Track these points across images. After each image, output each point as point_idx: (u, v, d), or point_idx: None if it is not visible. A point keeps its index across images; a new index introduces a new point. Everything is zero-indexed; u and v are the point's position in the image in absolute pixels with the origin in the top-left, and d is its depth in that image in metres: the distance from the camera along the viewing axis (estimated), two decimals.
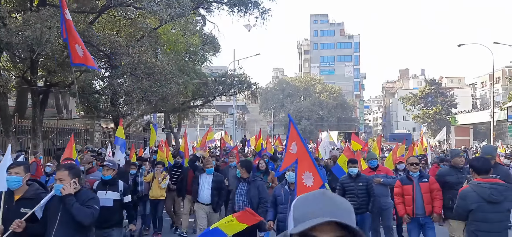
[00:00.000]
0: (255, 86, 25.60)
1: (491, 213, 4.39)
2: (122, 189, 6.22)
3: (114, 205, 6.04)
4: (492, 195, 4.39)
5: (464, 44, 35.66)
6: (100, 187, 6.29)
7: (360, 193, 7.11)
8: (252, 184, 6.59)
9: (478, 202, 4.44)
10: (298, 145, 5.13)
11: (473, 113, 55.09)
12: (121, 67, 13.26)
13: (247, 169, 6.77)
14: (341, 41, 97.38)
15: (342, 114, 75.22)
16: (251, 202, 6.39)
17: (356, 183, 7.18)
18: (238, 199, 6.61)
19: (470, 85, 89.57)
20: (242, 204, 6.42)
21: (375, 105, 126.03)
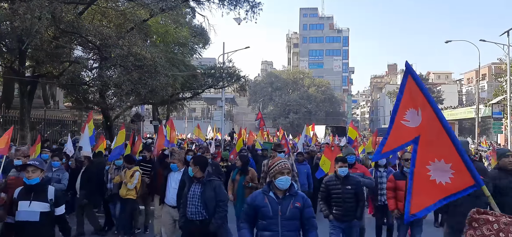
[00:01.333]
0: (244, 79, 25.64)
1: (472, 207, 4.54)
2: (53, 198, 4.72)
3: (41, 219, 4.59)
4: None
5: (451, 40, 35.98)
6: (23, 195, 4.70)
7: (348, 197, 6.32)
8: (208, 185, 5.54)
9: None
10: (425, 113, 3.15)
11: (458, 109, 55.89)
12: (111, 59, 13.21)
13: (201, 167, 5.67)
14: (330, 35, 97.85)
15: (330, 108, 75.75)
16: (206, 205, 5.44)
17: (344, 186, 6.35)
18: (191, 203, 5.52)
19: (457, 81, 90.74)
20: (195, 209, 5.48)
21: (363, 100, 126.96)
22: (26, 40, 11.07)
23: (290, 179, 4.21)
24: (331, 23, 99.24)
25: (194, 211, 5.47)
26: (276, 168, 4.22)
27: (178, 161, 6.92)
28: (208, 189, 5.50)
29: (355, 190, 6.37)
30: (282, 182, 4.18)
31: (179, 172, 6.82)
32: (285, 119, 68.42)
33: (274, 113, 74.12)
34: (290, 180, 4.24)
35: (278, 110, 73.00)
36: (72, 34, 13.85)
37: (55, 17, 12.00)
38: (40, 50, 13.15)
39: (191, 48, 26.98)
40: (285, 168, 4.19)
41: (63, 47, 14.44)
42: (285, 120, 68.14)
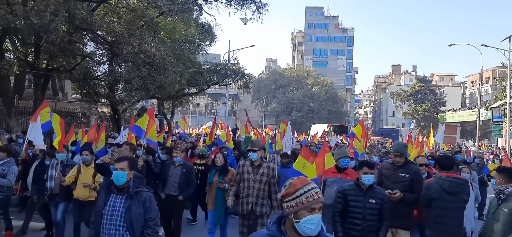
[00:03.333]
0: (248, 77, 26.13)
1: (450, 202, 5.18)
2: None
3: None
4: (451, 187, 5.18)
5: (454, 44, 36.58)
6: None
7: (370, 214, 4.91)
8: (135, 198, 4.09)
9: (439, 192, 5.21)
10: None
11: (461, 112, 56.22)
12: (122, 56, 13.80)
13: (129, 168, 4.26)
14: (335, 34, 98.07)
15: (332, 107, 76.13)
16: (131, 225, 4.02)
17: (367, 198, 4.94)
18: (109, 222, 4.04)
19: (460, 84, 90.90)
20: (114, 229, 4.00)
21: (366, 100, 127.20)
22: (44, 36, 11.65)
23: (321, 221, 2.38)
24: (337, 23, 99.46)
25: (112, 232, 4.01)
26: (303, 199, 2.35)
27: None
28: (135, 204, 4.08)
29: (381, 206, 4.93)
30: (311, 227, 2.33)
31: None
32: (287, 117, 68.80)
33: (277, 111, 74.62)
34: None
35: (281, 108, 73.48)
36: (85, 30, 14.45)
37: (69, 14, 12.58)
38: (54, 44, 13.74)
39: (197, 45, 27.50)
40: (318, 201, 2.36)
41: (76, 43, 15.06)
42: (287, 117, 68.57)
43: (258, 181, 6.08)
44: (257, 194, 6.05)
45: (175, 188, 7.13)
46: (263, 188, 6.08)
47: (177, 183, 7.14)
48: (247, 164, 6.19)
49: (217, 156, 7.32)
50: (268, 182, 6.10)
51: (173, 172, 7.21)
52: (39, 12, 11.22)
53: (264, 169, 6.12)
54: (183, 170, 7.21)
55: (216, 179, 7.05)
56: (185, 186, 7.19)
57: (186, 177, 7.21)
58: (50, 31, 11.40)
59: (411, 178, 5.55)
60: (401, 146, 6.00)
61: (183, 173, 7.19)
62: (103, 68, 17.73)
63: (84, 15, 13.52)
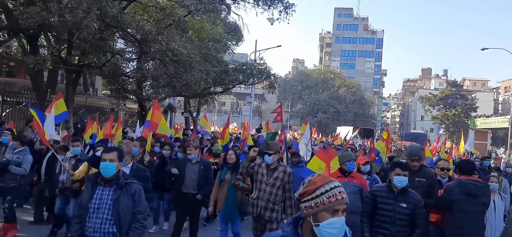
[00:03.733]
0: (273, 77, 26.22)
1: (471, 206, 5.18)
2: None
3: None
4: (472, 190, 5.19)
5: (487, 48, 35.42)
6: None
7: (400, 219, 4.60)
8: (124, 189, 3.96)
9: (460, 195, 5.21)
10: None
11: (493, 118, 54.64)
12: (150, 53, 14.15)
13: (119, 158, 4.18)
14: (364, 36, 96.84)
15: (359, 109, 75.25)
16: (118, 218, 3.87)
17: (398, 202, 4.63)
18: (95, 215, 3.87)
19: (493, 89, 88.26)
20: (101, 223, 3.85)
21: (394, 103, 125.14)
22: (76, 33, 12.09)
23: (344, 224, 2.10)
24: (366, 24, 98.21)
25: (99, 227, 3.85)
26: (323, 199, 2.07)
27: None
28: (124, 195, 3.95)
29: (413, 212, 4.57)
30: (333, 231, 2.06)
31: None
32: (313, 118, 68.51)
33: (302, 112, 74.35)
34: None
35: (307, 109, 73.16)
36: (115, 27, 14.88)
37: (101, 11, 13.01)
38: (86, 41, 14.23)
39: (224, 44, 27.78)
40: (342, 202, 2.09)
41: (106, 40, 15.52)
42: (313, 119, 68.24)
43: (270, 185, 5.82)
44: (267, 198, 5.80)
45: (193, 186, 6.85)
46: (275, 192, 5.81)
47: (196, 181, 6.84)
48: (263, 166, 5.95)
49: (229, 153, 7.09)
50: (282, 186, 5.84)
51: (191, 169, 6.89)
52: (72, 9, 11.65)
53: (279, 173, 5.85)
54: (201, 167, 6.91)
55: (229, 177, 6.69)
56: (203, 184, 6.91)
57: (204, 174, 6.92)
58: (82, 28, 11.83)
59: (428, 182, 5.45)
60: (418, 150, 5.84)
61: (201, 171, 6.89)
62: (132, 65, 18.22)
63: (115, 13, 13.93)
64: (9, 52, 16.70)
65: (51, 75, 20.64)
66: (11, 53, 16.80)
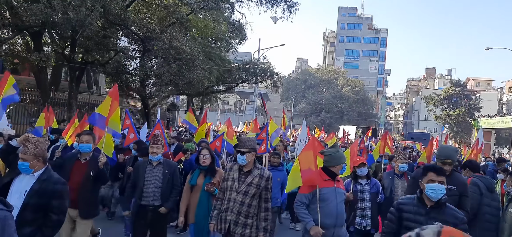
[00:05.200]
0: (277, 76, 26.25)
1: (493, 201, 5.29)
2: None
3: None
4: (491, 185, 5.34)
5: (492, 48, 35.24)
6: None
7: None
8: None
9: (485, 190, 5.28)
10: None
11: (496, 118, 54.44)
12: (153, 51, 14.20)
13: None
14: (368, 35, 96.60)
15: (363, 109, 75.15)
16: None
17: (431, 219, 3.45)
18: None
19: (498, 89, 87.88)
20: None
21: (398, 102, 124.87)
22: (80, 30, 12.14)
23: None
24: (370, 24, 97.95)
25: None
26: None
27: None
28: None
29: None
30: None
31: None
32: (316, 118, 68.51)
33: (305, 111, 74.33)
34: None
35: (310, 108, 73.12)
36: (119, 25, 14.93)
37: (104, 9, 13.05)
38: (89, 39, 14.29)
39: (227, 43, 27.82)
40: None
41: (110, 37, 15.57)
42: (316, 118, 68.26)
43: (242, 193, 4.52)
44: (238, 210, 4.50)
45: (155, 196, 5.42)
46: (248, 202, 4.51)
47: (158, 189, 5.43)
48: (234, 169, 4.68)
49: (202, 154, 5.58)
50: (258, 195, 4.56)
51: (152, 174, 5.45)
52: (76, 7, 11.70)
53: (255, 178, 4.55)
54: (165, 171, 5.51)
55: (201, 182, 5.44)
56: (168, 193, 5.51)
57: (169, 180, 5.52)
58: (85, 26, 11.88)
59: (460, 191, 4.52)
60: (452, 151, 4.82)
61: (165, 175, 5.49)
62: (135, 63, 18.29)
63: (119, 11, 13.96)
64: (13, 49, 16.78)
65: (54, 72, 20.74)
66: (15, 50, 16.88)
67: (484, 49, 35.26)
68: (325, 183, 4.64)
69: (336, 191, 4.66)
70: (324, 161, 4.77)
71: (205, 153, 5.60)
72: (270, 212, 4.59)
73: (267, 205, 4.57)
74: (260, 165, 4.82)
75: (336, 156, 4.74)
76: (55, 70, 21.01)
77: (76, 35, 12.88)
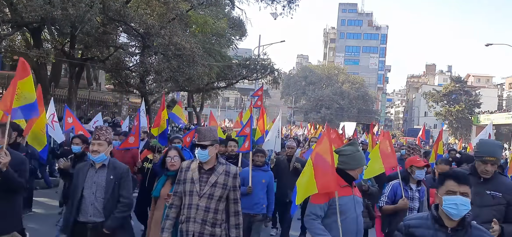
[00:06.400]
0: (277, 72, 26.24)
1: None
2: None
3: None
4: None
5: (491, 44, 35.20)
6: None
7: None
8: None
9: None
10: None
11: (496, 114, 54.46)
12: (153, 47, 14.19)
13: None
14: (369, 32, 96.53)
15: (363, 105, 75.17)
16: None
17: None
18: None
19: (498, 85, 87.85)
20: None
21: (398, 99, 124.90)
22: (79, 26, 12.12)
23: None
24: (370, 20, 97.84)
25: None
26: None
27: None
28: None
29: None
30: None
31: None
32: (317, 114, 68.52)
33: (306, 107, 74.35)
34: None
35: (311, 105, 73.13)
36: (118, 21, 14.91)
37: (104, 5, 13.04)
38: (89, 35, 14.28)
39: (228, 39, 27.80)
40: None
41: (109, 34, 15.57)
42: (316, 115, 68.26)
43: (206, 197, 3.64)
44: (203, 218, 3.61)
45: (96, 210, 3.98)
46: (214, 207, 3.66)
47: (101, 199, 3.99)
48: (192, 168, 3.75)
49: (169, 155, 4.50)
50: (225, 197, 3.74)
51: (93, 181, 4.02)
52: (75, 3, 11.70)
53: (219, 177, 3.71)
54: (110, 176, 4.04)
55: (167, 191, 4.42)
56: (114, 206, 4.03)
57: (115, 189, 4.04)
58: (85, 22, 11.86)
59: (508, 200, 3.57)
60: (495, 147, 3.77)
61: (109, 183, 4.02)
62: (135, 59, 18.29)
63: (118, 7, 13.96)
64: (13, 45, 16.77)
65: (54, 69, 20.75)
66: (14, 46, 16.87)
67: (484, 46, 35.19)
68: (342, 190, 3.71)
69: (354, 200, 3.79)
70: (340, 163, 3.84)
71: (173, 154, 4.48)
72: (241, 216, 3.80)
73: (237, 208, 3.77)
74: (224, 160, 3.97)
75: (357, 157, 3.84)
76: (55, 67, 21.00)
77: (75, 31, 12.87)
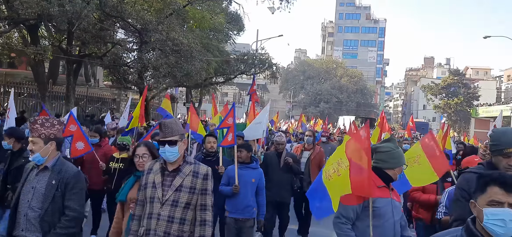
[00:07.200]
0: (275, 67, 26.22)
1: None
2: None
3: None
4: None
5: (490, 36, 35.28)
6: None
7: None
8: None
9: None
10: None
11: (495, 106, 54.52)
12: (150, 43, 14.17)
13: None
14: (367, 25, 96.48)
15: (361, 99, 75.22)
16: None
17: None
18: None
19: (496, 78, 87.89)
20: None
21: (397, 92, 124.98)
22: (76, 23, 12.08)
23: None
24: (368, 13, 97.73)
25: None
26: None
27: None
28: None
29: None
30: None
31: None
32: (315, 108, 68.57)
33: (304, 102, 74.39)
34: None
35: (309, 99, 73.17)
36: (115, 17, 14.86)
37: (101, 1, 12.99)
38: (86, 31, 14.24)
39: (225, 34, 27.75)
40: None
41: (106, 30, 15.52)
42: (315, 109, 68.32)
43: (169, 204, 3.00)
44: (165, 230, 2.97)
45: (30, 223, 3.15)
46: (180, 216, 3.00)
47: (37, 211, 3.14)
48: (154, 170, 3.13)
49: (138, 153, 3.66)
50: (194, 203, 3.07)
51: (31, 186, 3.21)
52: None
53: (185, 178, 3.06)
54: (52, 181, 3.17)
55: (135, 195, 3.42)
56: (55, 220, 3.17)
57: (58, 197, 3.17)
58: (82, 18, 11.83)
59: None
60: None
61: (51, 189, 3.15)
62: (133, 55, 18.27)
63: (115, 3, 13.91)
64: (10, 43, 16.73)
65: (52, 65, 20.70)
66: (12, 44, 16.83)
67: (482, 38, 35.19)
68: (379, 191, 3.22)
69: (392, 204, 3.27)
70: (377, 161, 3.35)
71: (142, 152, 3.65)
72: (209, 227, 3.08)
73: (205, 216, 3.06)
74: (191, 157, 3.34)
75: (396, 154, 3.34)
76: (53, 64, 20.96)
77: (72, 27, 12.83)
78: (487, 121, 55.59)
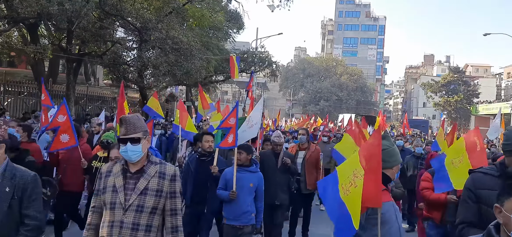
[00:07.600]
0: (275, 65, 26.22)
1: None
2: None
3: None
4: None
5: (490, 33, 35.16)
6: None
7: None
8: None
9: None
10: None
11: (494, 104, 54.51)
12: (150, 41, 14.18)
13: None
14: (366, 23, 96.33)
15: (361, 97, 75.20)
16: None
17: None
18: None
19: (496, 75, 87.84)
20: None
21: (397, 90, 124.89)
22: (75, 21, 12.08)
23: None
24: (368, 11, 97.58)
25: None
26: None
27: None
28: None
29: None
30: None
31: None
32: (315, 106, 68.56)
33: (304, 100, 74.40)
34: None
35: (309, 97, 73.16)
36: (115, 16, 14.86)
37: (100, 0, 12.99)
38: (86, 30, 14.24)
39: (225, 32, 27.73)
40: None
41: (106, 28, 15.52)
42: (315, 107, 68.32)
43: (133, 209, 2.71)
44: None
45: None
46: (146, 223, 2.72)
47: None
48: (114, 172, 2.83)
49: (111, 155, 3.81)
50: (161, 208, 2.81)
51: None
52: None
53: (151, 180, 2.77)
54: (6, 188, 2.81)
55: None
56: (12, 230, 2.84)
57: (13, 206, 2.82)
58: (81, 17, 11.82)
59: None
60: None
61: (5, 196, 2.79)
62: (132, 54, 18.26)
63: (115, 2, 13.91)
64: (10, 41, 16.72)
65: (52, 64, 20.68)
66: (11, 42, 16.82)
67: (482, 35, 35.14)
68: (382, 196, 2.92)
69: (394, 208, 3.00)
70: None
71: (115, 154, 3.56)
72: (181, 233, 2.85)
73: (176, 222, 2.82)
74: (157, 157, 3.03)
75: (393, 152, 3.07)
76: (53, 62, 20.93)
77: (72, 26, 12.81)
78: (487, 118, 55.60)
